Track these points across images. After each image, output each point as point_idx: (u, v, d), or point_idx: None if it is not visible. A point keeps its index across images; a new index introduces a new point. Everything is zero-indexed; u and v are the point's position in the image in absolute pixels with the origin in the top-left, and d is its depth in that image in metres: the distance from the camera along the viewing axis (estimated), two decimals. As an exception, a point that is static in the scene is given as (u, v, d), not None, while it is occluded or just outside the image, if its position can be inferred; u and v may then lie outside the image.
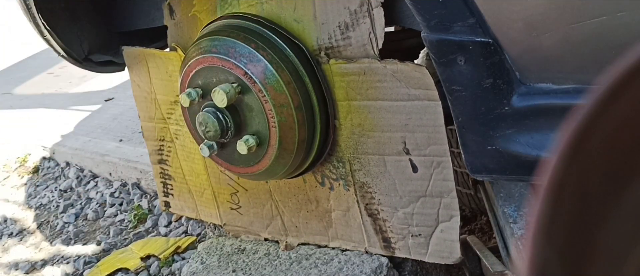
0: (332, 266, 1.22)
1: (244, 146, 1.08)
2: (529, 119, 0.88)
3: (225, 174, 1.33)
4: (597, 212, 0.30)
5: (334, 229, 1.25)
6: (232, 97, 1.05)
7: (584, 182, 0.29)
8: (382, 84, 1.04)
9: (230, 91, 1.04)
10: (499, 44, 0.85)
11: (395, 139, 1.07)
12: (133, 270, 1.74)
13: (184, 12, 1.23)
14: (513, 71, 0.87)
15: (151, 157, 1.46)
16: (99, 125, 2.62)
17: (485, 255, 1.15)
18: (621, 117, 0.27)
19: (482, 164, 0.95)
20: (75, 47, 1.29)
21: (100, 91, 3.09)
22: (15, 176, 2.50)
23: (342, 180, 1.18)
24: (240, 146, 1.08)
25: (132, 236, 1.93)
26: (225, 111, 1.08)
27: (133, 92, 1.41)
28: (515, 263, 0.98)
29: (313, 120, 1.10)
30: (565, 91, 0.85)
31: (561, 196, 0.28)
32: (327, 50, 1.07)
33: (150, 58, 1.32)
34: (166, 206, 1.50)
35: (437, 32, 0.88)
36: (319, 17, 1.05)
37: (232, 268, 1.31)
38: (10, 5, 2.11)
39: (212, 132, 1.09)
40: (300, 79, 1.07)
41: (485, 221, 1.59)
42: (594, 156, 0.28)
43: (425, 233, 1.12)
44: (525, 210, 1.01)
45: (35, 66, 3.77)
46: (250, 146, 1.08)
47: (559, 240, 0.30)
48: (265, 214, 1.33)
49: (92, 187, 2.26)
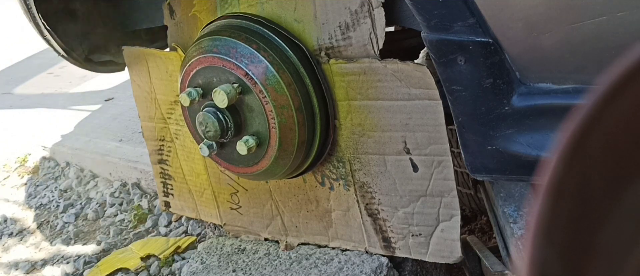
0: (332, 266, 1.22)
1: (243, 147, 1.08)
2: (529, 119, 0.88)
3: (225, 174, 1.33)
4: (597, 212, 0.30)
5: (334, 229, 1.25)
6: (232, 98, 1.05)
7: (584, 182, 0.29)
8: (382, 84, 1.04)
9: (231, 91, 1.04)
10: (499, 44, 0.85)
11: (395, 138, 1.07)
12: (133, 270, 1.74)
13: (184, 12, 1.23)
14: (513, 71, 0.87)
15: (151, 157, 1.46)
16: (99, 125, 2.62)
17: (485, 255, 1.15)
18: (621, 117, 0.27)
19: (482, 164, 0.95)
20: (75, 47, 1.29)
21: (100, 91, 3.09)
22: (15, 176, 2.50)
23: (342, 180, 1.18)
24: (240, 147, 1.08)
25: (132, 236, 1.93)
26: (225, 111, 1.08)
27: (133, 92, 1.41)
28: (515, 263, 0.98)
29: (313, 120, 1.10)
30: (565, 91, 0.85)
31: (561, 196, 0.28)
32: (328, 50, 1.07)
33: (150, 58, 1.32)
34: (166, 206, 1.50)
35: (437, 32, 0.88)
36: (319, 17, 1.05)
37: (232, 268, 1.31)
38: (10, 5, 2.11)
39: (212, 132, 1.09)
40: (300, 80, 1.07)
41: (485, 221, 1.59)
42: (594, 156, 0.28)
43: (426, 233, 1.12)
44: (525, 210, 1.01)
45: (35, 66, 3.77)
46: (250, 147, 1.08)
47: (559, 240, 0.30)
48: (265, 214, 1.33)
49: (92, 187, 2.26)
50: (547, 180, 0.28)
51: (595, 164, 0.29)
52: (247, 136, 1.09)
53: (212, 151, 1.13)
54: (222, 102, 1.05)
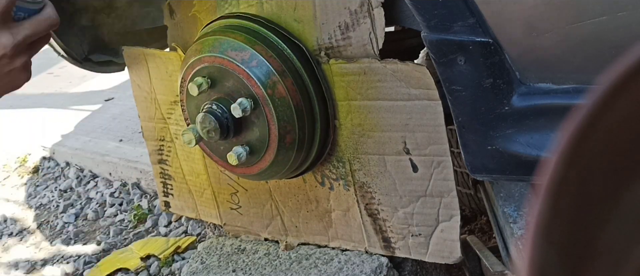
0: (332, 266, 1.22)
1: (234, 157, 1.07)
2: (529, 119, 0.88)
3: (225, 174, 1.33)
4: (597, 212, 0.30)
5: (334, 229, 1.25)
6: (246, 111, 1.05)
7: (584, 182, 0.29)
8: (382, 84, 1.04)
9: (247, 106, 1.04)
10: (499, 44, 0.85)
11: (395, 138, 1.07)
12: (133, 270, 1.75)
13: (184, 12, 1.23)
14: (513, 71, 0.87)
15: (151, 157, 1.46)
16: (99, 125, 2.62)
17: (485, 255, 1.15)
18: (621, 117, 0.27)
19: (482, 164, 0.95)
20: (75, 47, 1.29)
21: (100, 90, 3.09)
22: (15, 176, 2.50)
23: (342, 180, 1.18)
24: (231, 158, 1.08)
25: (132, 236, 1.93)
26: (226, 111, 1.07)
27: (133, 92, 1.41)
28: (515, 263, 0.98)
29: (313, 120, 1.10)
30: (565, 90, 0.85)
31: (561, 196, 0.28)
32: (327, 50, 1.07)
33: (150, 58, 1.32)
34: (166, 206, 1.50)
35: (437, 32, 0.88)
36: (319, 17, 1.05)
37: (232, 268, 1.31)
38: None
39: (213, 132, 1.09)
40: (300, 80, 1.07)
41: (485, 221, 1.59)
42: (594, 156, 0.28)
43: (426, 233, 1.12)
44: (525, 210, 1.01)
45: (35, 66, 3.76)
46: (240, 154, 1.08)
47: (559, 240, 0.30)
48: (265, 214, 1.33)
49: (92, 187, 2.27)
50: (547, 180, 0.28)
51: (595, 164, 0.29)
52: (237, 147, 1.09)
53: (197, 137, 1.10)
54: (237, 113, 1.05)
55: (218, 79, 1.08)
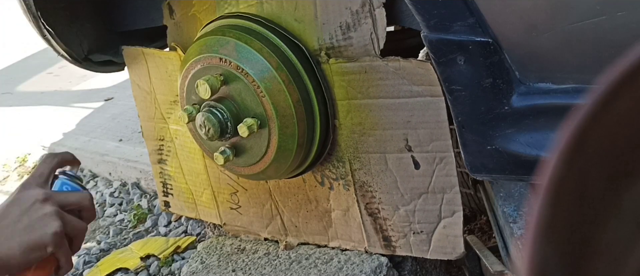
0: (331, 266, 1.22)
1: (244, 129, 1.04)
2: (529, 118, 0.88)
3: (224, 174, 1.33)
4: (597, 212, 0.30)
5: (333, 229, 1.25)
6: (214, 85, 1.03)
7: (584, 182, 0.29)
8: (384, 82, 1.04)
9: (210, 79, 1.03)
10: (498, 43, 0.85)
11: (397, 136, 1.07)
12: (133, 270, 1.75)
13: (183, 12, 1.23)
14: (513, 71, 0.87)
15: (151, 157, 1.46)
16: (99, 125, 2.62)
17: (485, 254, 1.15)
18: (621, 117, 0.27)
19: (481, 163, 0.95)
20: (75, 47, 1.29)
21: (100, 90, 3.09)
22: (15, 176, 2.50)
23: (342, 180, 1.18)
24: (242, 129, 1.05)
25: (131, 236, 1.93)
26: (223, 109, 1.07)
27: (133, 92, 1.41)
28: (515, 263, 0.98)
29: (313, 120, 1.10)
30: (565, 90, 0.85)
31: (561, 196, 0.28)
32: (328, 50, 1.07)
33: (150, 58, 1.32)
34: (166, 206, 1.50)
35: (437, 31, 0.88)
36: (320, 17, 1.05)
37: (232, 267, 1.31)
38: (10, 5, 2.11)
39: (213, 130, 1.09)
40: (300, 80, 1.07)
41: (485, 221, 1.59)
42: (594, 156, 0.28)
43: (428, 230, 1.12)
44: (525, 210, 1.01)
45: (35, 66, 3.77)
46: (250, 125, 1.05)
47: (559, 240, 0.30)
48: (265, 214, 1.33)
49: (91, 187, 2.26)
50: (547, 180, 0.28)
51: (595, 164, 0.29)
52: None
53: (226, 157, 1.10)
54: (206, 93, 1.04)
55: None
